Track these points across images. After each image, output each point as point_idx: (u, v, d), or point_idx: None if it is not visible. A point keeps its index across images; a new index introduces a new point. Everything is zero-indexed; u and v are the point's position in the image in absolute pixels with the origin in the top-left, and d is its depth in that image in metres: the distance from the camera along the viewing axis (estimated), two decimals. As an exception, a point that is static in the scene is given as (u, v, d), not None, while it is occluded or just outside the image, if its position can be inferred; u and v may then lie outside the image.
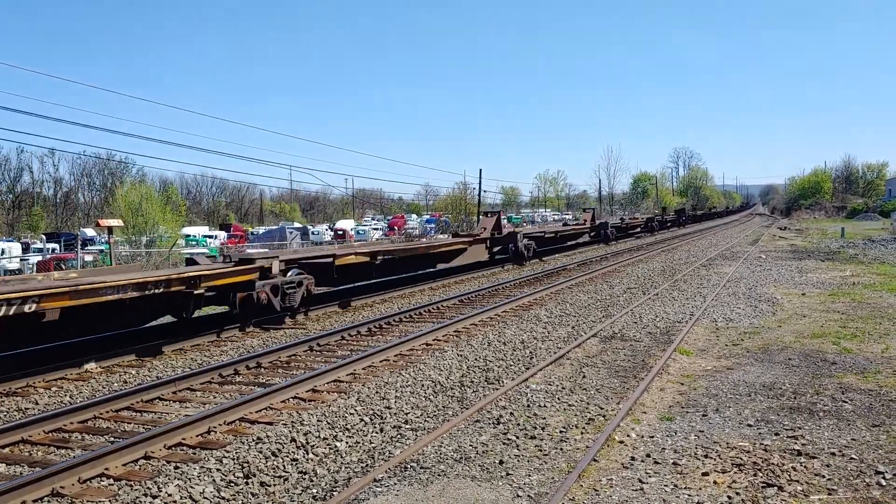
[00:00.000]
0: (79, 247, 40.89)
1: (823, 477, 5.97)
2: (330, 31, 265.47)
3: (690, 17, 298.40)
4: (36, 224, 76.80)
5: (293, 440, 7.00)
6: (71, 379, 10.23)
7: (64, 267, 32.70)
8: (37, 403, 8.96)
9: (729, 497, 5.57)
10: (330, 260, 16.14)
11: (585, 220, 41.69)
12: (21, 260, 39.62)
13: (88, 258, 36.84)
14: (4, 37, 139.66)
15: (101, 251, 38.57)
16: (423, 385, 9.16)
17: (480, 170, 58.44)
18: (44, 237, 58.63)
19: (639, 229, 54.31)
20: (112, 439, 7.32)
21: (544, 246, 32.10)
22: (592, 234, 41.23)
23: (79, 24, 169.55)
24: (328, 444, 7.00)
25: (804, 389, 8.80)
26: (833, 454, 6.51)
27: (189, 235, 54.66)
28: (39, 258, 39.39)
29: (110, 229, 26.50)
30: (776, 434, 7.10)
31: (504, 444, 6.94)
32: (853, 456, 6.45)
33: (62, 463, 6.23)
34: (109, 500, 5.74)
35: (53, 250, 46.02)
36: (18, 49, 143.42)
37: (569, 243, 38.33)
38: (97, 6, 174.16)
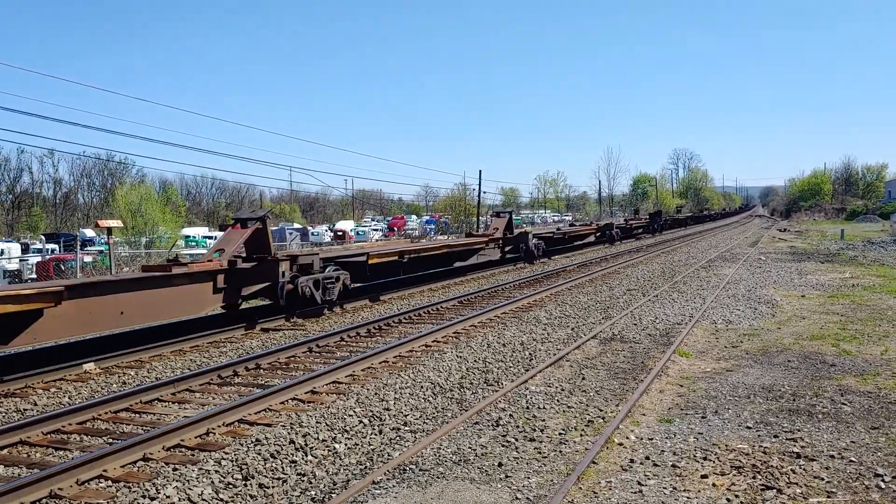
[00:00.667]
0: (78, 247, 40.88)
1: (822, 479, 5.97)
2: (329, 31, 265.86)
3: (690, 18, 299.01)
4: (35, 224, 76.76)
5: (292, 442, 7.00)
6: (70, 380, 10.21)
7: (63, 268, 32.64)
8: (35, 404, 8.95)
9: (728, 499, 5.56)
10: None
11: (496, 229, 28.27)
12: (20, 260, 39.57)
13: (88, 259, 36.80)
14: (4, 37, 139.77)
15: (101, 252, 38.55)
16: (422, 387, 9.15)
17: (480, 171, 58.50)
18: (43, 238, 58.61)
19: (592, 238, 41.62)
20: (111, 441, 7.31)
21: (384, 275, 19.52)
22: (509, 248, 27.90)
23: (78, 23, 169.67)
24: (327, 446, 6.99)
25: (803, 391, 8.79)
26: (832, 456, 6.51)
27: (189, 236, 54.70)
28: (39, 259, 39.35)
29: (110, 230, 26.45)
30: (775, 436, 7.10)
31: (503, 446, 6.93)
32: (852, 458, 6.45)
33: (60, 464, 6.21)
34: (108, 502, 5.73)
35: (53, 251, 45.99)
36: (18, 49, 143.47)
37: (456, 265, 24.55)
38: (95, 5, 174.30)
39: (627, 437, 7.12)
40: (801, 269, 25.04)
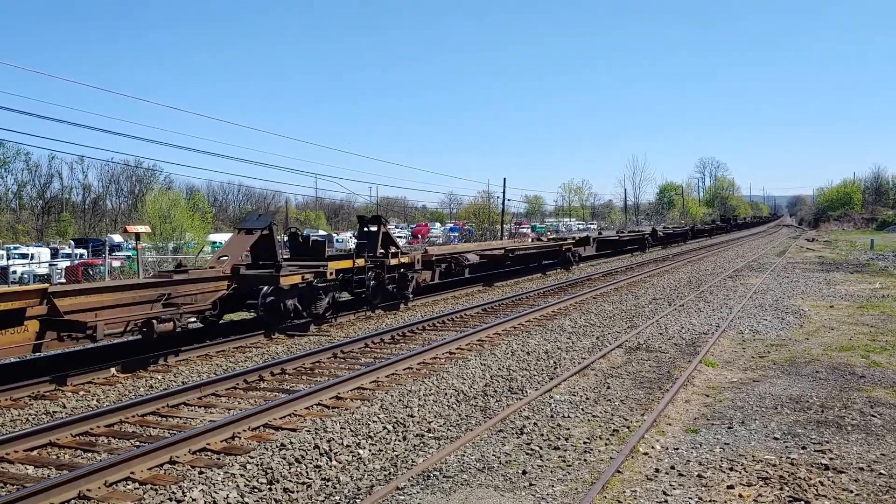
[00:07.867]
0: (106, 252, 41.37)
1: (852, 492, 5.88)
2: (354, 40, 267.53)
3: (717, 28, 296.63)
4: (64, 230, 77.79)
5: (316, 447, 7.03)
6: (98, 383, 10.35)
7: (92, 272, 33.09)
8: (64, 407, 9.08)
9: (755, 511, 5.50)
10: None
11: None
12: (49, 265, 40.16)
13: (116, 264, 37.25)
14: (34, 45, 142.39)
15: (129, 257, 39.01)
16: (446, 393, 9.16)
17: (504, 178, 58.34)
18: (72, 243, 59.37)
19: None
20: (138, 443, 7.39)
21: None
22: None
23: (108, 31, 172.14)
24: (351, 452, 7.02)
25: (832, 403, 8.68)
26: (861, 469, 6.41)
27: (216, 242, 55.03)
28: (68, 263, 39.88)
29: (138, 235, 26.77)
30: (803, 448, 7.01)
31: (527, 454, 6.91)
32: (882, 471, 6.35)
33: (89, 466, 6.30)
34: (135, 504, 5.79)
35: (81, 256, 46.60)
36: (49, 58, 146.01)
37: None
38: (125, 13, 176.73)
39: (653, 447, 7.07)
40: (830, 279, 24.72)
